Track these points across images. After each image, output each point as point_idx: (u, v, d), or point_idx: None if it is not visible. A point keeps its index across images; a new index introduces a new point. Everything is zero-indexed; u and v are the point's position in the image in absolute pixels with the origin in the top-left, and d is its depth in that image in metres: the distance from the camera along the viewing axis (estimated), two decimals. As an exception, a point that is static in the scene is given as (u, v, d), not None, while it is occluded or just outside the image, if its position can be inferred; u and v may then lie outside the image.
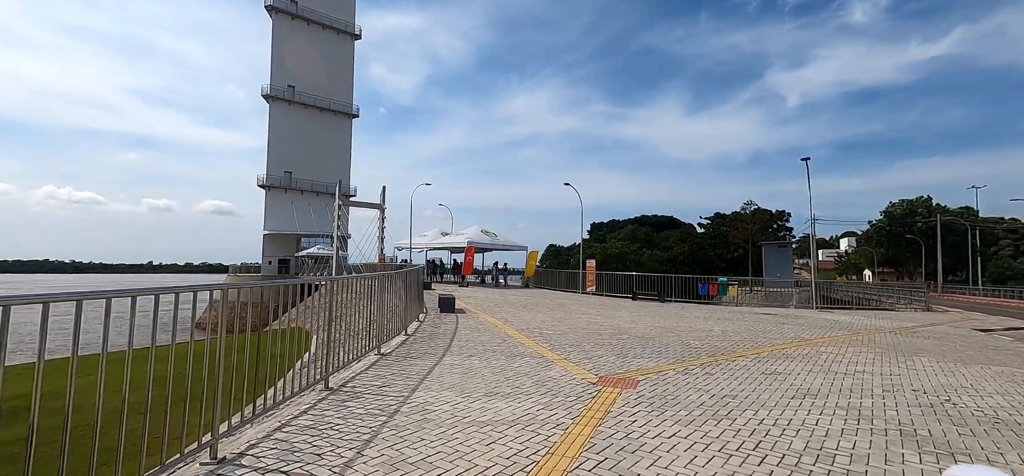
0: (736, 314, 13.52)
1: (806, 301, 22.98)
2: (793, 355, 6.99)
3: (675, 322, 10.88)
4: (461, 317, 10.66)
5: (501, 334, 8.38)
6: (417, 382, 4.99)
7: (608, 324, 10.15)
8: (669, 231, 74.16)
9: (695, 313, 13.45)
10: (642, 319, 11.35)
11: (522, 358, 6.34)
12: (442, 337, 7.92)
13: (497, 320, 10.35)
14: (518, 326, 9.47)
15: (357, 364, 5.77)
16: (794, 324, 11.19)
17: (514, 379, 5.20)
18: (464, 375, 5.33)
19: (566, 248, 78.49)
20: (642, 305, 16.08)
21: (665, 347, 7.40)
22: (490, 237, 27.20)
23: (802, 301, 23.08)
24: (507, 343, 7.47)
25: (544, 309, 13.30)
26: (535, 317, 11.16)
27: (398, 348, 6.85)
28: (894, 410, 4.34)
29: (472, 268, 26.59)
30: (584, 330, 9.10)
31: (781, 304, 20.39)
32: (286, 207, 53.90)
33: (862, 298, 25.55)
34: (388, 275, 7.55)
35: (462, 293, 19.16)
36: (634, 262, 50.02)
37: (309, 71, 55.90)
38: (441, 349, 6.87)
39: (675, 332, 9.15)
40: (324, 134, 57.37)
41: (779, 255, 39.25)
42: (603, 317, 11.57)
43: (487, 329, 8.96)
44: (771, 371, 5.87)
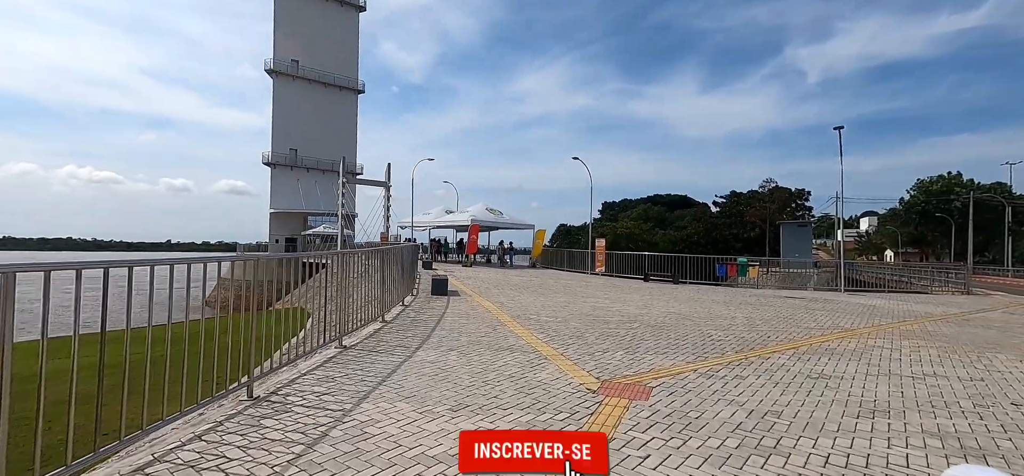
0: (758, 298, 12.30)
1: (826, 282, 21.58)
2: (838, 351, 5.81)
3: (692, 307, 9.72)
4: (453, 301, 9.62)
5: (493, 321, 7.32)
6: (370, 389, 3.95)
7: (617, 309, 9.04)
8: (682, 210, 72.31)
9: (713, 297, 12.25)
10: (655, 303, 10.21)
11: (511, 353, 5.27)
12: (423, 325, 6.89)
13: (492, 304, 9.30)
14: (514, 311, 8.40)
15: (305, 361, 4.75)
16: (826, 310, 9.95)
17: (494, 384, 4.14)
18: (433, 379, 4.27)
19: (577, 228, 76.95)
20: (655, 287, 14.92)
21: (683, 339, 6.26)
22: (495, 215, 26.07)
23: (821, 282, 21.70)
24: (497, 333, 6.40)
25: (547, 292, 12.22)
26: (535, 301, 10.08)
27: (366, 340, 5.83)
28: (1006, 438, 3.18)
29: (476, 247, 25.55)
30: (589, 317, 8.00)
31: (800, 285, 19.01)
32: (292, 185, 53.21)
33: (890, 280, 23.99)
34: (359, 254, 6.49)
35: (463, 274, 18.16)
36: (646, 242, 48.59)
37: (313, 45, 54.53)
38: (417, 341, 5.83)
39: (693, 319, 8.00)
40: (330, 110, 56.24)
41: (798, 235, 37.71)
42: (611, 301, 10.45)
43: (478, 315, 7.91)
44: (817, 373, 4.72)
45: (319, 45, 55.06)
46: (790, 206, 56.63)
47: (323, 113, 55.54)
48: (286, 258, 4.91)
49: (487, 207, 26.46)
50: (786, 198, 55.26)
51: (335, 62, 56.31)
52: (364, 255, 7.47)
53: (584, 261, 22.87)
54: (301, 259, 5.15)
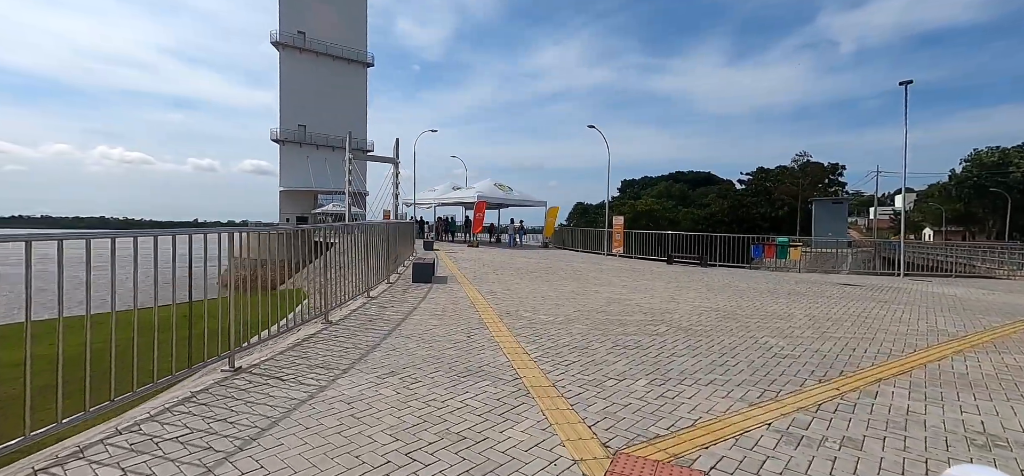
0: (806, 285, 10.26)
1: (863, 264, 19.17)
2: (977, 380, 3.89)
3: (731, 299, 7.80)
4: (434, 290, 7.91)
5: (473, 322, 5.56)
6: (216, 460, 2.24)
7: (636, 302, 7.19)
8: (706, 188, 69.05)
9: (752, 283, 10.27)
10: (684, 293, 8.32)
11: (478, 381, 3.51)
12: (378, 327, 5.18)
13: (481, 295, 7.54)
14: (506, 306, 6.63)
15: (163, 396, 3.10)
16: (902, 303, 7.91)
17: (427, 453, 2.40)
18: (329, 444, 2.55)
19: (594, 206, 74.35)
20: (680, 271, 12.96)
21: (731, 354, 4.41)
22: (504, 191, 24.22)
23: (857, 264, 19.31)
24: (472, 342, 4.65)
25: (554, 277, 10.41)
26: (536, 290, 8.30)
27: (286, 352, 4.15)
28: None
29: (482, 225, 23.80)
30: (600, 315, 6.18)
31: (833, 267, 16.69)
32: (301, 162, 52.17)
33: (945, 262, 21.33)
34: (279, 233, 4.77)
35: (465, 255, 16.47)
36: (668, 220, 46.15)
37: (320, 17, 52.73)
38: (353, 355, 4.12)
39: (737, 318, 6.12)
40: (338, 85, 54.65)
41: (832, 212, 34.76)
42: (630, 290, 8.59)
43: (457, 312, 6.17)
44: (984, 433, 2.84)
45: (326, 17, 53.23)
46: (822, 182, 53.18)
47: (332, 88, 54.02)
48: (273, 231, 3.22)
49: (496, 183, 24.62)
50: (819, 173, 51.84)
51: (343, 35, 54.49)
52: (281, 236, 5.78)
53: (600, 241, 20.94)
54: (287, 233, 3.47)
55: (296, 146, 53.16)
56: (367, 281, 6.98)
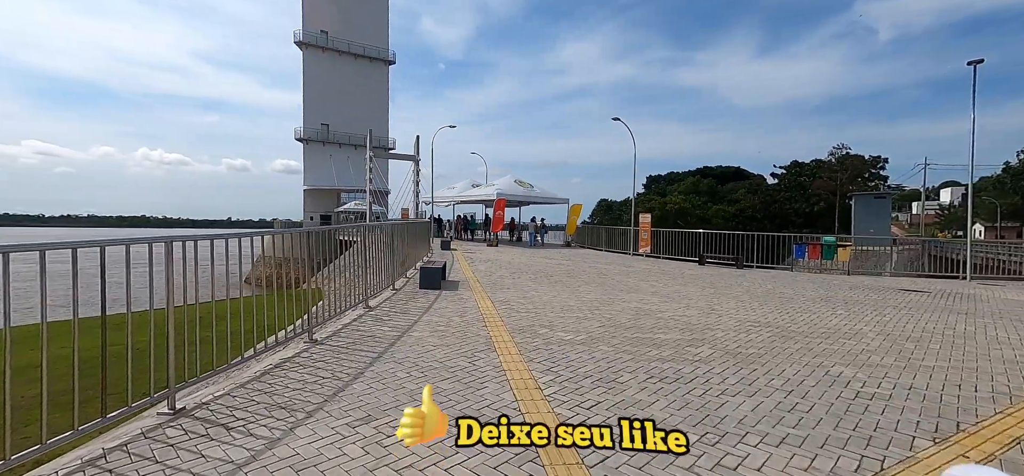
0: (861, 290, 9.07)
1: (907, 264, 17.43)
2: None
3: (779, 310, 6.78)
4: (443, 299, 7.16)
5: (479, 343, 4.77)
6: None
7: (670, 314, 6.27)
8: (735, 183, 66.50)
9: (799, 289, 9.15)
10: (723, 302, 7.33)
11: (460, 463, 2.70)
12: (368, 349, 4.44)
13: (494, 305, 6.75)
14: (520, 320, 5.82)
15: (60, 459, 2.41)
16: (997, 316, 6.71)
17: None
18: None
19: (619, 203, 72.57)
20: (714, 274, 11.88)
21: (800, 393, 3.48)
22: (525, 188, 23.38)
23: (902, 264, 17.61)
24: (473, 372, 3.86)
25: (576, 282, 9.54)
26: (556, 299, 7.45)
27: (248, 384, 3.44)
28: None
29: (502, 224, 23.01)
30: (629, 331, 5.30)
31: (874, 268, 15.08)
32: (324, 161, 52.49)
33: (1011, 262, 19.34)
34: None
35: (483, 255, 15.73)
36: (698, 218, 44.39)
37: (342, 16, 52.87)
38: (327, 390, 3.38)
39: (793, 336, 5.14)
40: (360, 83, 54.76)
41: (874, 208, 32.52)
42: (662, 299, 7.65)
43: (464, 329, 5.39)
44: None
45: (348, 16, 53.35)
46: (862, 176, 50.25)
47: (354, 86, 54.17)
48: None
49: (516, 180, 23.80)
50: (859, 167, 49.01)
51: (365, 33, 54.54)
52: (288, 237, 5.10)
53: (626, 240, 19.87)
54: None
55: (319, 145, 53.53)
56: (366, 290, 6.27)
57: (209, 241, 3.44)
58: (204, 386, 3.45)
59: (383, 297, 7.08)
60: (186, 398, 3.24)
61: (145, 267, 3.00)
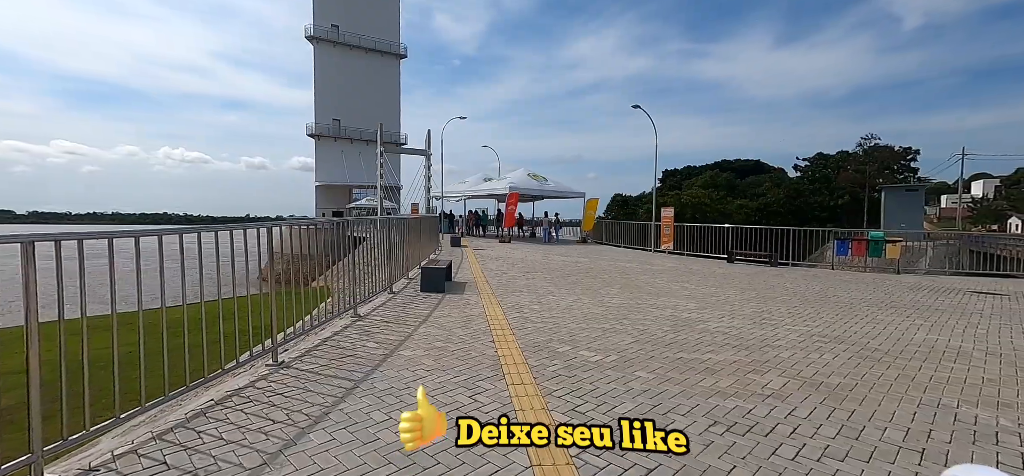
0: (924, 292, 7.89)
1: (943, 262, 15.81)
2: None
3: (843, 318, 5.70)
4: (446, 304, 6.22)
5: (484, 366, 3.81)
6: None
7: (714, 325, 5.24)
8: (755, 177, 64.45)
9: (852, 292, 8.01)
10: (772, 308, 6.26)
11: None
12: (345, 374, 3.52)
13: (504, 312, 5.79)
14: (535, 334, 4.85)
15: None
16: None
17: None
18: None
19: (634, 198, 70.94)
20: (748, 273, 10.76)
21: (933, 451, 2.46)
22: (538, 182, 22.34)
23: (937, 261, 16.08)
24: (474, 403, 2.91)
25: (597, 282, 8.53)
26: (576, 304, 6.46)
27: (175, 430, 2.54)
28: None
29: (514, 219, 22.02)
30: (669, 348, 4.29)
31: (906, 265, 13.50)
32: (336, 157, 52.08)
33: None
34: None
35: (495, 252, 14.80)
36: (718, 212, 42.85)
37: (352, 9, 52.25)
38: (275, 442, 2.45)
39: (878, 357, 4.08)
40: (371, 77, 54.12)
41: (905, 201, 30.60)
42: (699, 303, 6.61)
43: (466, 345, 4.44)
44: None
45: (359, 10, 52.72)
46: (890, 168, 48.02)
47: (365, 80, 53.58)
48: None
49: (529, 173, 22.79)
50: (889, 158, 46.85)
51: (375, 27, 53.87)
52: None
53: (645, 235, 18.73)
54: None
55: (331, 140, 53.07)
56: (354, 296, 5.36)
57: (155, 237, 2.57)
58: (108, 438, 2.56)
59: (377, 302, 6.18)
60: (84, 457, 2.35)
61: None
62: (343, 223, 5.58)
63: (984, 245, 19.61)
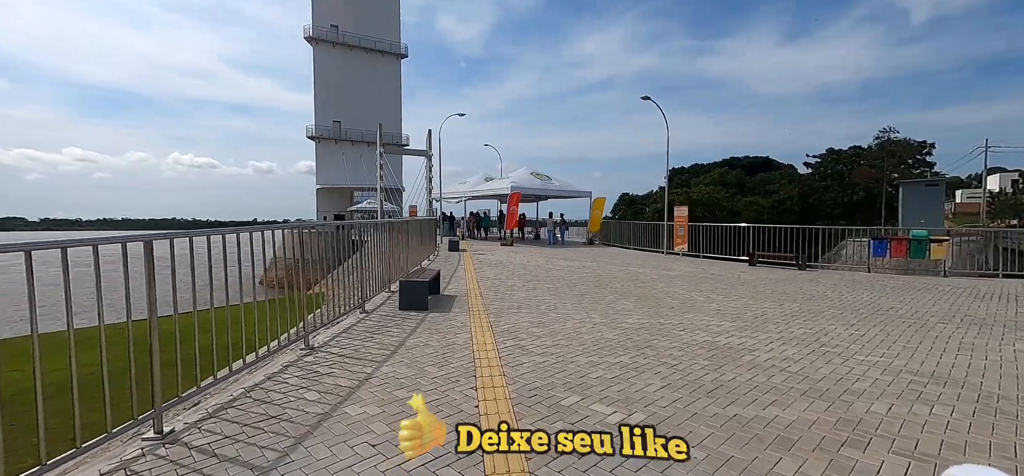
0: (1005, 302, 6.67)
1: (967, 260, 14.38)
2: None
3: (936, 348, 4.52)
4: (426, 328, 5.10)
5: (453, 433, 2.67)
6: None
7: (765, 356, 4.08)
8: (764, 174, 62.85)
9: (914, 303, 6.81)
10: (828, 328, 5.08)
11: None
12: (252, 454, 2.40)
13: (496, 339, 4.65)
14: (533, 374, 3.71)
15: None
16: None
17: None
18: None
19: (642, 197, 69.43)
20: (775, 278, 9.55)
21: None
22: (542, 181, 21.21)
23: (961, 260, 14.70)
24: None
25: (609, 293, 7.38)
26: (586, 323, 5.31)
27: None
28: None
29: (516, 220, 20.89)
30: (716, 401, 3.15)
31: (929, 267, 12.07)
32: (337, 159, 51.21)
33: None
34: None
35: (496, 256, 13.67)
36: (728, 210, 41.50)
37: (352, 9, 51.37)
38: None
39: (1006, 410, 2.92)
40: (372, 78, 53.23)
41: (924, 196, 28.99)
42: (735, 322, 5.44)
43: (439, 397, 3.31)
44: None
45: (359, 9, 51.86)
46: (906, 163, 46.37)
47: (365, 81, 52.72)
48: None
49: (532, 172, 21.67)
50: (906, 152, 45.28)
51: (376, 27, 52.99)
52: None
53: (657, 236, 17.54)
54: None
55: (331, 142, 52.22)
56: (303, 325, 4.25)
57: None
58: None
59: (344, 325, 5.07)
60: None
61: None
62: (303, 229, 4.50)
63: (1015, 241, 18.17)
